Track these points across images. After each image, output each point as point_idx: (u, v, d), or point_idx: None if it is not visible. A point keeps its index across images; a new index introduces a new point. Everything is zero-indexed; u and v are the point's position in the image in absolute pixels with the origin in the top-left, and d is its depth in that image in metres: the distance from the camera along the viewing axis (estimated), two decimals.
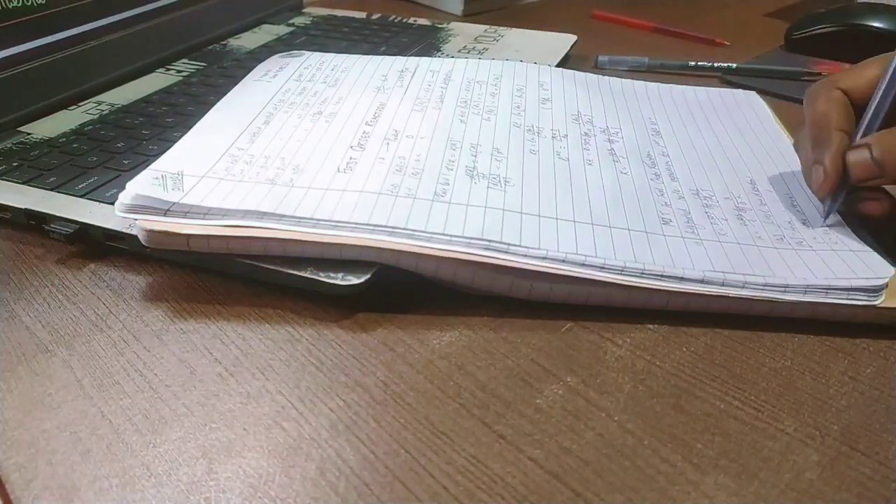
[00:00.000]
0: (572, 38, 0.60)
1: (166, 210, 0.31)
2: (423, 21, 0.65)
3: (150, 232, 0.30)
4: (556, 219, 0.31)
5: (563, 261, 0.29)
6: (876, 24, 0.56)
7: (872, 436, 0.25)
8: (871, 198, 0.33)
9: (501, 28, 0.63)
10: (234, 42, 0.60)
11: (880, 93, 0.32)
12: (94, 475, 0.24)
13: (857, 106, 0.34)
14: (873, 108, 0.32)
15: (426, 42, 0.60)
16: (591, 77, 0.46)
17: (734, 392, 0.27)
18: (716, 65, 0.55)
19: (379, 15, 0.67)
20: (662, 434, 0.25)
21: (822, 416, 0.26)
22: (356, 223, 0.30)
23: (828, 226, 0.33)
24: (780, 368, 0.28)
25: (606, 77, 0.47)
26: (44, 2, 0.45)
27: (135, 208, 0.31)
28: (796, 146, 0.37)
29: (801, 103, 0.35)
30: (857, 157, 0.32)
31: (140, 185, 0.31)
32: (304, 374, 0.28)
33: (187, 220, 0.30)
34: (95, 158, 0.40)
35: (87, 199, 0.36)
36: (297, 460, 0.24)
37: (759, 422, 0.25)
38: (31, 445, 0.25)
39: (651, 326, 0.30)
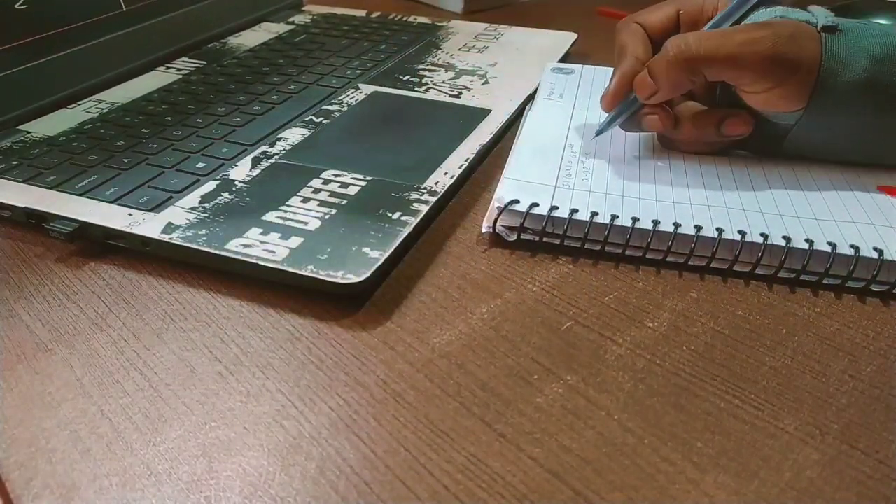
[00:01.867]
0: (573, 36, 0.60)
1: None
2: (423, 19, 0.65)
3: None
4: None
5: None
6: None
7: (872, 434, 0.25)
8: (650, 113, 0.38)
9: (502, 26, 0.63)
10: (233, 40, 0.60)
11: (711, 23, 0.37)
12: (94, 474, 0.24)
13: (652, 37, 0.40)
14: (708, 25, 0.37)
15: (426, 40, 0.60)
16: None
17: (734, 391, 0.27)
18: None
19: (379, 13, 0.67)
20: (662, 433, 0.25)
21: (823, 415, 0.26)
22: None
23: (595, 136, 0.41)
24: (780, 367, 0.28)
25: None
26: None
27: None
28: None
29: None
30: (640, 77, 0.37)
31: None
32: (304, 373, 0.28)
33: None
34: (95, 157, 0.40)
35: (87, 197, 0.36)
36: (297, 459, 0.24)
37: (759, 420, 0.25)
38: (31, 444, 0.25)
39: (651, 325, 0.30)
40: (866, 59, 0.33)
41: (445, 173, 0.38)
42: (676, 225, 0.33)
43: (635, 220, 0.33)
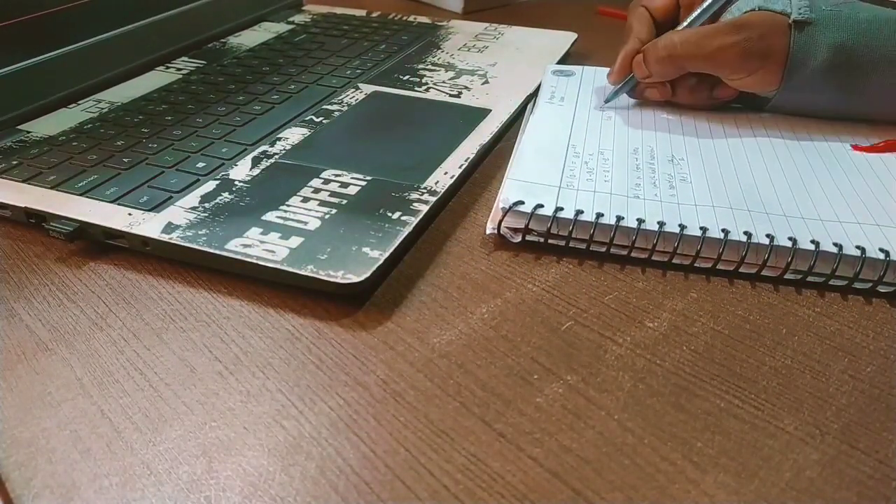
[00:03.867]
0: (573, 35, 0.60)
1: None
2: (422, 19, 0.65)
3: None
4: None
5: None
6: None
7: (872, 434, 0.25)
8: (651, 86, 0.45)
9: (501, 26, 0.63)
10: (233, 40, 0.60)
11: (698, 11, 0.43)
12: (94, 473, 0.24)
13: (656, 19, 0.47)
14: (693, 16, 0.43)
15: (426, 40, 0.60)
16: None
17: (734, 390, 0.27)
18: None
19: (379, 13, 0.67)
20: (662, 432, 0.25)
21: (823, 415, 0.26)
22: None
23: (604, 107, 0.46)
24: (780, 367, 0.28)
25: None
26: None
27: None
28: None
29: None
30: (637, 60, 0.44)
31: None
32: (305, 373, 0.28)
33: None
34: (95, 156, 0.40)
35: (87, 197, 0.36)
36: (297, 459, 0.24)
37: (759, 420, 0.25)
38: (31, 444, 0.25)
39: (651, 325, 0.30)
40: (828, 51, 0.39)
41: (445, 173, 0.38)
42: (682, 227, 0.33)
43: (640, 221, 0.33)
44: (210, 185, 0.37)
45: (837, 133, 0.43)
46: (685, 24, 0.43)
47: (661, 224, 0.33)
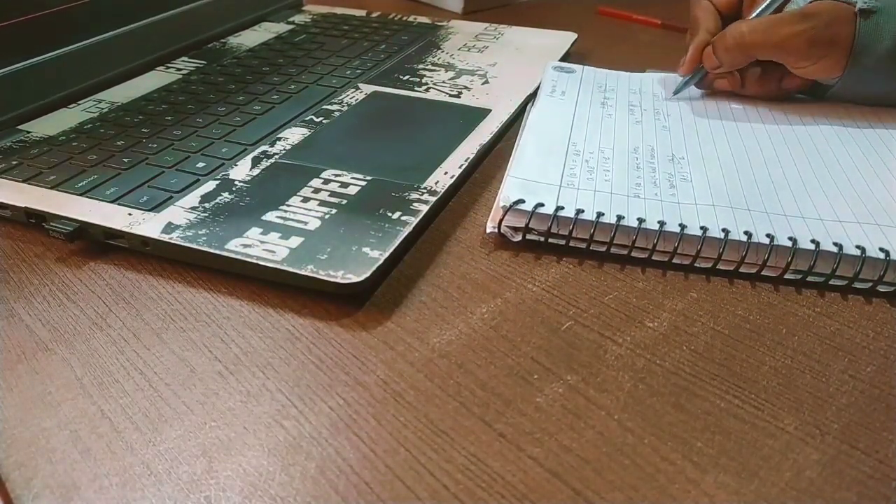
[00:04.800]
0: (573, 35, 0.60)
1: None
2: (422, 19, 0.65)
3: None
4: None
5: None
6: None
7: (872, 434, 0.25)
8: (720, 76, 0.47)
9: (501, 26, 0.63)
10: (233, 40, 0.60)
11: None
12: (94, 473, 0.24)
13: (720, 11, 0.48)
14: (761, 7, 0.45)
15: (426, 40, 0.60)
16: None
17: (734, 390, 0.27)
18: None
19: (379, 13, 0.67)
20: (662, 432, 0.25)
21: (823, 415, 0.26)
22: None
23: (673, 98, 0.48)
24: (780, 367, 0.28)
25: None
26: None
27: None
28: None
29: None
30: (707, 51, 0.46)
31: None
32: (304, 373, 0.28)
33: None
34: (95, 156, 0.40)
35: (87, 197, 0.36)
36: (297, 458, 0.24)
37: (759, 420, 0.25)
38: (31, 444, 0.25)
39: (651, 325, 0.30)
40: (892, 39, 0.41)
41: (445, 173, 0.38)
42: (682, 226, 0.33)
43: (641, 220, 0.33)
44: (210, 185, 0.37)
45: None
46: (753, 14, 0.45)
47: (662, 223, 0.33)
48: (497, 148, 0.44)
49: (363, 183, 0.37)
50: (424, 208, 0.35)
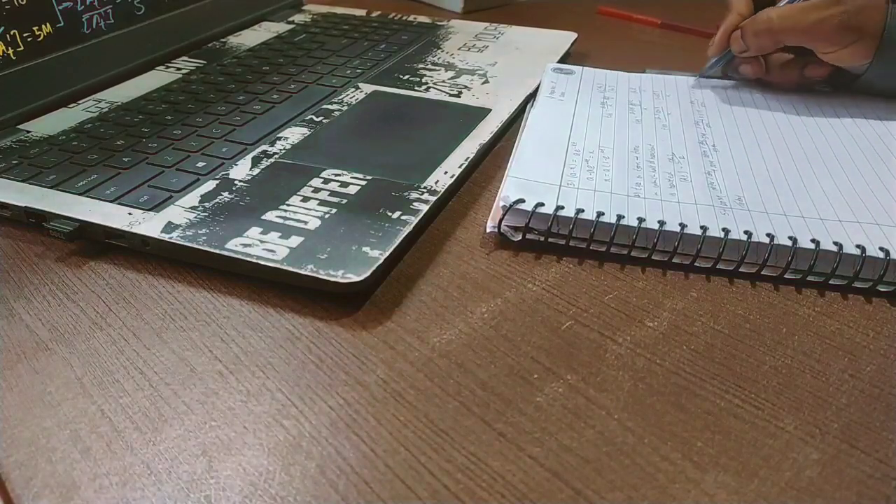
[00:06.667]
0: (572, 35, 0.60)
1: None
2: (422, 18, 0.65)
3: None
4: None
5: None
6: None
7: (872, 434, 0.25)
8: (745, 61, 0.48)
9: (501, 25, 0.63)
10: (233, 40, 0.60)
11: None
12: (94, 473, 0.24)
13: None
14: None
15: (426, 39, 0.60)
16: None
17: (734, 390, 0.27)
18: None
19: (379, 12, 0.67)
20: (662, 432, 0.25)
21: (823, 414, 0.26)
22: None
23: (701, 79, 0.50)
24: (781, 366, 0.28)
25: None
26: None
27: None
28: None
29: None
30: (735, 34, 0.47)
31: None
32: (305, 372, 0.28)
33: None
34: (95, 156, 0.40)
35: (87, 196, 0.36)
36: (298, 458, 0.24)
37: (759, 420, 0.25)
38: (31, 443, 0.25)
39: (651, 324, 0.30)
40: None
41: (445, 172, 0.38)
42: (682, 226, 0.33)
43: (641, 220, 0.33)
44: (210, 185, 0.37)
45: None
46: (785, 0, 0.45)
47: (662, 223, 0.33)
48: (497, 147, 0.44)
49: (363, 182, 0.37)
50: (424, 208, 0.35)
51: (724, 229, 0.33)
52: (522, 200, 0.34)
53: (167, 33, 0.55)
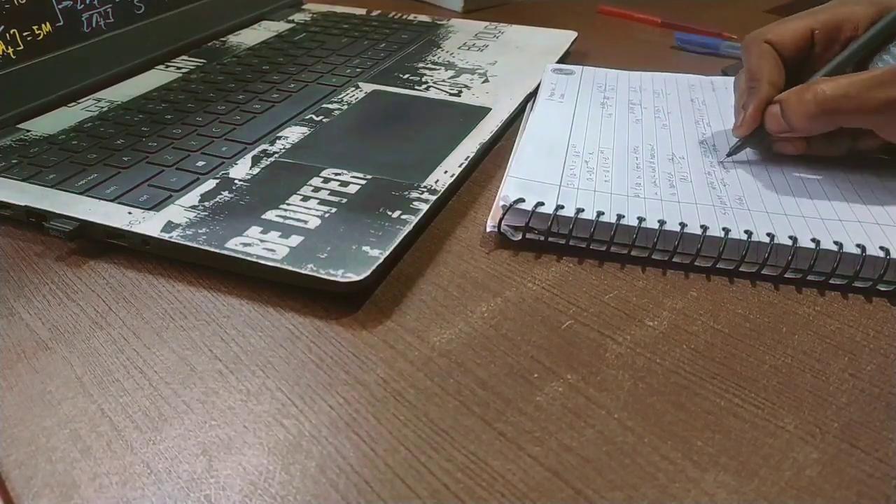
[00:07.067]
0: (573, 34, 0.60)
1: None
2: (423, 17, 0.65)
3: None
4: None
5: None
6: None
7: (873, 433, 0.25)
8: (784, 139, 0.38)
9: (502, 24, 0.63)
10: (233, 39, 0.60)
11: (852, 47, 0.37)
12: (94, 472, 0.24)
13: (783, 55, 0.38)
14: (843, 56, 0.37)
15: (426, 39, 0.60)
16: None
17: (734, 389, 0.27)
18: None
19: (379, 11, 0.67)
20: (662, 431, 0.25)
21: (823, 414, 0.26)
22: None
23: (725, 161, 0.40)
24: (781, 366, 0.28)
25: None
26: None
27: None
28: (735, 85, 0.41)
29: None
30: (773, 110, 0.37)
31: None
32: (304, 372, 0.28)
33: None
34: (95, 155, 0.40)
35: (87, 196, 0.36)
36: (297, 457, 0.24)
37: (759, 419, 0.25)
38: (31, 443, 0.25)
39: (651, 324, 0.30)
40: None
41: (445, 172, 0.38)
42: (682, 225, 0.33)
43: (641, 219, 0.33)
44: (210, 184, 0.37)
45: None
46: (831, 65, 0.37)
47: (662, 223, 0.33)
48: (497, 147, 0.44)
49: (363, 182, 0.37)
50: (424, 207, 0.35)
51: (724, 229, 0.33)
52: (522, 200, 0.34)
53: (167, 32, 0.55)
